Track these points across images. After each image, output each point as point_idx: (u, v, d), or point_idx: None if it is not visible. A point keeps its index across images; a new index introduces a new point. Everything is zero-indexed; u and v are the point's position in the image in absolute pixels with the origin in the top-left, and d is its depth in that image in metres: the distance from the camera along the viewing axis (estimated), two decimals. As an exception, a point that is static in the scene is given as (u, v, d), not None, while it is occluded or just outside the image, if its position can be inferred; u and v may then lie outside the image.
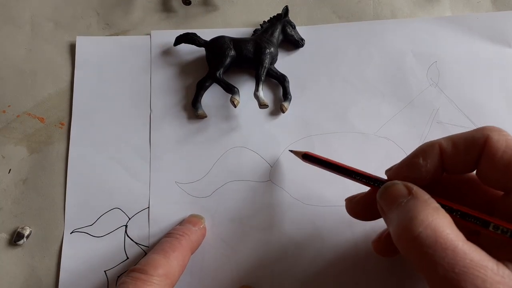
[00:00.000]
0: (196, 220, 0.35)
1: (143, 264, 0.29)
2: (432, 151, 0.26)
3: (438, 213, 0.23)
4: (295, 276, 0.35)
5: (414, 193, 0.24)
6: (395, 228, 0.24)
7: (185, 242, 0.33)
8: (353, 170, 0.30)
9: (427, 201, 0.24)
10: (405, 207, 0.24)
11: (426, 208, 0.23)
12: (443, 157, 0.26)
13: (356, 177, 0.30)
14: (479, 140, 0.25)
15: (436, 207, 0.23)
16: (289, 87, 0.40)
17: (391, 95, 0.40)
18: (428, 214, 0.23)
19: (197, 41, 0.41)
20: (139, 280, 0.28)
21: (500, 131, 0.24)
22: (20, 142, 0.40)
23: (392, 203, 0.25)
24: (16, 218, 0.38)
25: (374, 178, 0.29)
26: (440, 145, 0.26)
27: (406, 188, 0.25)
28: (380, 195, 0.26)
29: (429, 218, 0.22)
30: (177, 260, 0.31)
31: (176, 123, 0.40)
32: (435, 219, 0.22)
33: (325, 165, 0.32)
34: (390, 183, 0.26)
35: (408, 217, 0.23)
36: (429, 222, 0.22)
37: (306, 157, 0.34)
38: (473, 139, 0.25)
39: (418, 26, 0.43)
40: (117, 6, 0.45)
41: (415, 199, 0.24)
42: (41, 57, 0.43)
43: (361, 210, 0.30)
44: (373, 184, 0.29)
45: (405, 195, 0.25)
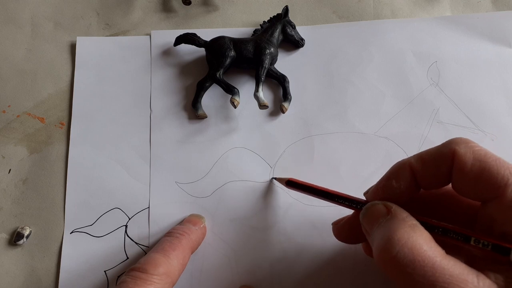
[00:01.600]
0: (196, 220, 0.35)
1: (143, 263, 0.29)
2: (403, 172, 0.26)
3: (414, 230, 0.23)
4: (295, 276, 0.35)
5: (393, 212, 0.25)
6: (375, 249, 0.24)
7: (185, 241, 0.33)
8: (336, 194, 0.31)
9: (405, 219, 0.24)
10: (384, 226, 0.24)
11: (403, 226, 0.23)
12: (415, 175, 0.26)
13: (339, 201, 0.30)
14: (447, 155, 0.25)
15: (413, 225, 0.23)
16: (289, 87, 0.40)
17: (391, 95, 0.40)
18: (404, 232, 0.23)
19: (197, 41, 0.41)
20: (139, 279, 0.28)
21: (467, 143, 0.25)
22: (20, 142, 0.40)
23: (373, 223, 0.25)
24: (16, 218, 0.38)
25: (356, 201, 0.29)
26: (410, 165, 0.26)
27: (385, 208, 0.25)
28: (362, 216, 0.27)
29: (405, 236, 0.22)
30: (177, 259, 0.31)
31: (176, 124, 0.40)
32: (411, 236, 0.22)
33: (308, 190, 0.33)
34: (370, 204, 0.27)
35: (385, 237, 0.23)
36: (405, 240, 0.22)
37: (290, 184, 0.34)
38: (441, 155, 0.25)
39: (418, 26, 0.43)
40: (117, 6, 0.45)
41: (393, 218, 0.24)
42: (41, 57, 0.43)
43: (347, 234, 0.30)
44: (356, 206, 0.29)
45: (384, 214, 0.25)
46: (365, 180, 0.37)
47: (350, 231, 0.30)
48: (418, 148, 0.38)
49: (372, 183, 0.37)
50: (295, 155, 0.39)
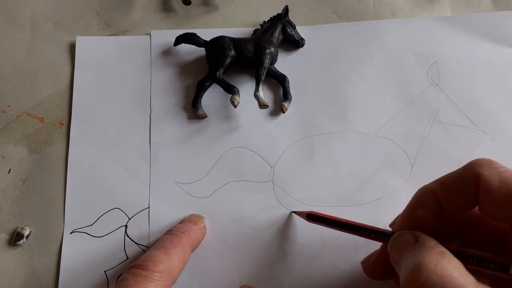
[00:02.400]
0: (197, 219, 0.35)
1: (144, 260, 0.29)
2: (428, 199, 0.26)
3: (443, 257, 0.22)
4: (295, 276, 0.35)
5: (421, 240, 0.24)
6: (402, 278, 0.23)
7: (186, 239, 0.32)
8: (361, 226, 0.30)
9: (433, 246, 0.23)
10: (412, 255, 0.23)
11: (431, 253, 0.23)
12: (440, 202, 0.26)
13: (365, 233, 0.29)
14: (471, 179, 0.24)
15: (441, 252, 0.23)
16: (289, 87, 0.40)
17: (391, 95, 0.40)
18: (432, 259, 0.22)
19: (197, 41, 0.41)
20: (140, 277, 0.28)
21: (491, 165, 0.24)
22: (20, 142, 0.40)
23: (401, 252, 0.25)
24: (16, 218, 0.38)
25: (383, 232, 0.28)
26: (433, 192, 0.26)
27: (413, 237, 0.25)
28: (390, 246, 0.26)
29: (434, 263, 0.22)
30: (178, 256, 0.31)
31: (176, 123, 0.40)
32: (439, 263, 0.22)
33: (331, 223, 0.32)
34: (398, 234, 0.26)
35: (412, 265, 0.22)
36: (434, 267, 0.21)
37: (311, 217, 0.33)
38: (465, 179, 0.25)
39: (418, 26, 0.43)
40: (117, 6, 0.45)
41: (421, 246, 0.24)
42: (41, 57, 0.43)
43: (378, 271, 0.30)
44: (383, 238, 0.28)
45: (413, 243, 0.24)
46: (365, 180, 0.37)
47: (381, 266, 0.29)
48: (419, 148, 0.38)
49: (372, 183, 0.37)
50: (295, 155, 0.38)
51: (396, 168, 0.38)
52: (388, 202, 0.37)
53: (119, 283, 0.28)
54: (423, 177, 0.37)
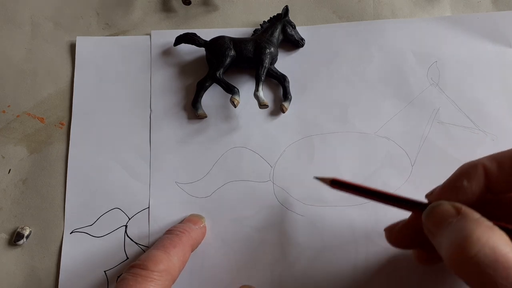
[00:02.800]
0: (197, 219, 0.35)
1: (144, 259, 0.29)
2: (477, 172, 0.25)
3: (493, 231, 0.21)
4: (295, 276, 0.35)
5: (464, 212, 0.23)
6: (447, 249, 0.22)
7: (186, 239, 0.32)
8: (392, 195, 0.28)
9: (479, 219, 0.22)
10: (456, 226, 0.22)
11: (479, 226, 0.22)
12: (489, 178, 0.25)
13: (394, 202, 0.27)
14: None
15: (489, 226, 0.22)
16: (289, 87, 0.40)
17: (392, 95, 0.40)
18: (483, 231, 0.21)
19: (197, 41, 0.41)
20: (139, 276, 0.28)
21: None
22: (20, 142, 0.40)
23: (441, 223, 0.24)
24: (16, 218, 0.38)
25: (416, 202, 0.27)
26: (484, 166, 0.25)
27: (454, 208, 0.24)
28: (427, 216, 0.25)
29: (486, 236, 0.21)
30: (178, 256, 0.31)
31: (176, 123, 0.40)
32: (491, 237, 0.21)
33: (358, 190, 0.29)
34: (436, 204, 0.25)
35: (461, 236, 0.21)
36: (486, 240, 0.21)
37: (335, 183, 0.30)
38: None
39: (418, 26, 0.43)
40: (117, 6, 0.45)
41: (465, 217, 0.23)
42: (41, 57, 0.43)
43: (404, 239, 0.29)
44: (416, 207, 0.27)
45: (454, 215, 0.23)
46: (365, 180, 0.37)
47: (408, 236, 0.28)
48: (419, 148, 0.38)
49: (372, 183, 0.37)
50: (295, 155, 0.38)
51: (396, 168, 0.38)
52: (388, 202, 0.37)
53: (119, 282, 0.28)
54: (423, 177, 0.37)
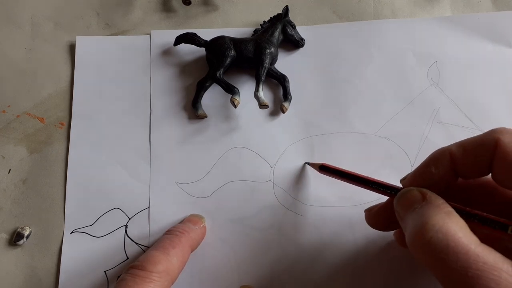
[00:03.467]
0: (197, 220, 0.35)
1: (143, 260, 0.29)
2: (443, 158, 0.26)
3: (450, 217, 0.23)
4: (295, 276, 0.35)
5: (428, 198, 0.25)
6: (408, 234, 0.24)
7: (185, 240, 0.32)
8: (370, 180, 0.31)
9: (440, 205, 0.24)
10: (418, 212, 0.24)
11: (438, 212, 0.23)
12: (455, 163, 0.26)
13: (373, 187, 0.30)
14: (489, 144, 0.24)
15: (448, 211, 0.23)
16: (289, 87, 0.40)
17: (391, 95, 0.40)
18: (439, 218, 0.23)
19: (197, 41, 0.41)
20: (138, 277, 0.28)
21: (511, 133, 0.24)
22: (20, 142, 0.40)
23: (407, 208, 0.25)
24: (16, 218, 0.38)
25: (391, 187, 0.29)
26: (450, 152, 0.26)
27: (420, 194, 0.25)
28: (397, 201, 0.27)
29: (440, 222, 0.22)
30: (177, 256, 0.31)
31: (176, 123, 0.40)
32: (446, 223, 0.22)
33: (342, 175, 0.33)
34: (406, 190, 0.27)
35: (420, 222, 0.23)
36: (440, 226, 0.22)
37: (323, 168, 0.34)
38: (483, 143, 0.25)
39: (418, 26, 0.43)
40: (117, 6, 0.45)
41: (428, 204, 0.24)
42: (41, 57, 0.43)
43: (380, 220, 0.31)
44: (390, 192, 0.29)
45: (420, 201, 0.25)
46: (365, 180, 0.37)
47: (383, 217, 0.30)
48: (419, 148, 0.38)
49: (372, 183, 0.37)
50: (295, 155, 0.38)
51: (396, 168, 0.38)
52: (388, 202, 0.37)
53: (118, 283, 0.28)
54: (423, 177, 0.37)
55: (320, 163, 0.35)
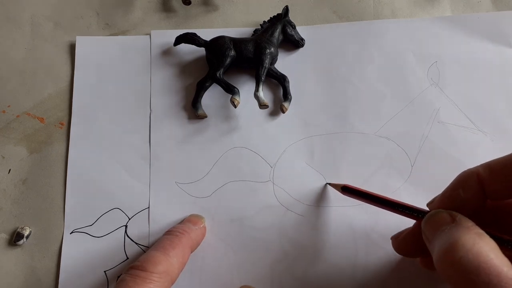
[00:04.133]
0: (197, 220, 0.35)
1: (143, 261, 0.29)
2: (471, 180, 0.26)
3: (481, 238, 0.22)
4: (295, 276, 0.35)
5: (458, 220, 0.24)
6: (436, 253, 0.23)
7: (185, 240, 0.32)
8: (396, 202, 0.30)
9: (470, 227, 0.23)
10: (447, 232, 0.23)
11: (468, 233, 0.23)
12: (483, 185, 0.25)
13: (399, 209, 0.29)
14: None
15: (479, 233, 0.23)
16: (289, 87, 0.40)
17: (392, 95, 0.40)
18: (470, 238, 0.22)
19: (197, 41, 0.41)
20: (138, 278, 0.28)
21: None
22: (20, 142, 0.40)
23: (435, 229, 0.25)
24: (16, 218, 0.38)
25: (418, 210, 0.28)
26: (478, 174, 0.25)
27: (450, 216, 0.25)
28: (425, 223, 0.26)
29: (471, 242, 0.22)
30: (177, 257, 0.31)
31: (176, 123, 0.40)
32: (477, 243, 0.22)
33: (366, 197, 0.32)
34: (434, 212, 0.26)
35: (450, 241, 0.22)
36: (471, 245, 0.21)
37: (346, 190, 0.34)
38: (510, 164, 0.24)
39: (418, 26, 0.43)
40: (117, 6, 0.45)
41: (458, 225, 0.24)
42: (41, 57, 0.43)
43: (408, 247, 0.30)
44: (417, 215, 0.28)
45: (449, 222, 0.24)
46: (365, 180, 0.37)
47: (411, 243, 0.29)
48: (419, 148, 0.38)
49: (372, 183, 0.37)
50: (295, 155, 0.38)
51: (396, 168, 0.38)
52: (388, 202, 0.37)
53: (118, 283, 0.28)
54: (423, 177, 0.37)
55: (342, 184, 0.34)
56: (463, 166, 0.37)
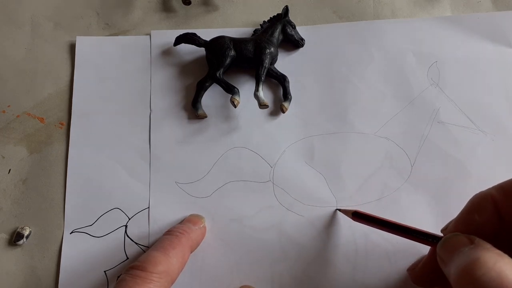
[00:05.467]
0: (197, 220, 0.35)
1: (143, 261, 0.29)
2: (486, 203, 0.25)
3: (502, 257, 0.22)
4: (295, 276, 0.35)
5: (477, 242, 0.23)
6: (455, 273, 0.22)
7: (185, 240, 0.32)
8: (409, 228, 0.29)
9: (490, 248, 0.23)
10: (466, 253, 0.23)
11: (488, 252, 0.22)
12: (498, 207, 0.25)
13: (412, 235, 0.29)
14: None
15: (499, 253, 0.22)
16: (289, 87, 0.40)
17: (391, 95, 0.40)
18: (491, 256, 0.21)
19: (197, 41, 0.41)
20: (138, 278, 0.28)
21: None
22: (20, 142, 0.40)
23: (452, 252, 0.24)
24: (16, 218, 0.38)
25: (432, 235, 0.28)
26: (492, 197, 0.25)
27: (468, 239, 0.24)
28: (441, 246, 0.25)
29: (493, 260, 0.21)
30: (177, 257, 0.31)
31: (176, 123, 0.40)
32: (498, 261, 0.21)
33: (377, 223, 0.31)
34: (451, 235, 0.25)
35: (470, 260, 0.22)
36: (493, 263, 0.21)
37: (356, 215, 0.33)
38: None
39: (418, 26, 0.43)
40: (117, 6, 0.45)
41: (477, 246, 0.23)
42: (41, 57, 0.43)
43: (427, 277, 0.29)
44: (431, 240, 0.28)
45: (467, 244, 0.23)
46: (365, 180, 0.37)
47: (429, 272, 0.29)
48: (419, 148, 0.38)
49: (372, 183, 0.37)
50: (295, 155, 0.38)
51: (396, 168, 0.38)
52: (388, 202, 0.37)
53: (118, 283, 0.28)
54: (423, 177, 0.37)
55: (352, 210, 0.34)
56: (463, 166, 0.38)
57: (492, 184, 0.37)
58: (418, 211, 0.36)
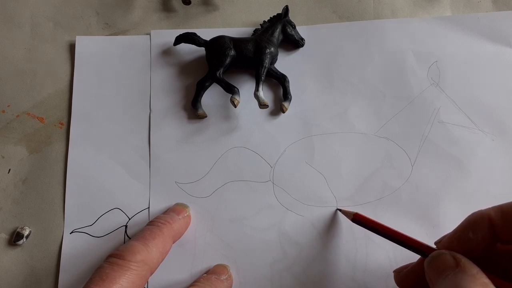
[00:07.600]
0: (181, 209, 0.35)
1: (121, 250, 0.30)
2: (482, 223, 0.25)
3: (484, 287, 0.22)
4: (295, 276, 0.35)
5: (462, 266, 0.23)
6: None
7: (167, 230, 0.33)
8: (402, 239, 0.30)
9: (476, 275, 0.22)
10: (452, 280, 0.23)
11: (473, 281, 0.22)
12: (494, 228, 0.25)
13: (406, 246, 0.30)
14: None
15: (484, 283, 0.22)
16: (289, 87, 0.40)
17: (392, 95, 0.40)
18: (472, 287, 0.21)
19: (197, 40, 0.41)
20: (116, 265, 0.28)
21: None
22: (19, 142, 0.40)
23: (439, 274, 0.24)
24: (15, 218, 0.38)
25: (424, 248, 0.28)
26: (489, 217, 0.25)
27: (454, 260, 0.24)
28: (428, 265, 0.26)
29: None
30: (157, 247, 0.31)
31: (176, 123, 0.40)
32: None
33: (374, 229, 0.32)
34: (437, 253, 0.26)
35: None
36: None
37: (356, 218, 0.33)
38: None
39: (418, 26, 0.43)
40: (117, 6, 0.45)
41: (462, 272, 0.23)
42: (41, 57, 0.43)
43: (410, 283, 0.30)
44: (423, 254, 0.28)
45: (453, 267, 0.23)
46: (365, 180, 0.37)
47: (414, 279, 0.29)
48: (419, 148, 0.38)
49: (372, 183, 0.37)
50: (295, 155, 0.38)
51: (396, 168, 0.38)
52: (388, 202, 0.37)
53: (96, 271, 0.29)
54: (423, 177, 0.37)
55: (353, 212, 0.34)
56: (463, 166, 0.38)
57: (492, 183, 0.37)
58: (418, 211, 0.36)
